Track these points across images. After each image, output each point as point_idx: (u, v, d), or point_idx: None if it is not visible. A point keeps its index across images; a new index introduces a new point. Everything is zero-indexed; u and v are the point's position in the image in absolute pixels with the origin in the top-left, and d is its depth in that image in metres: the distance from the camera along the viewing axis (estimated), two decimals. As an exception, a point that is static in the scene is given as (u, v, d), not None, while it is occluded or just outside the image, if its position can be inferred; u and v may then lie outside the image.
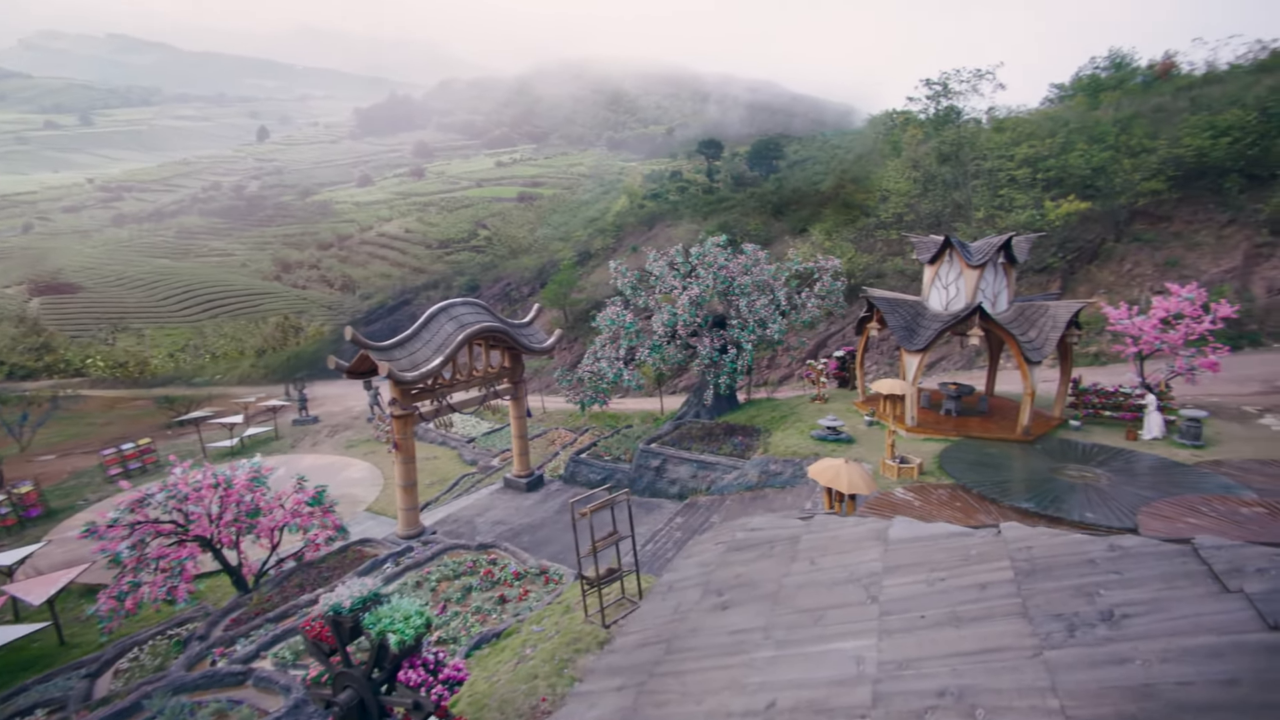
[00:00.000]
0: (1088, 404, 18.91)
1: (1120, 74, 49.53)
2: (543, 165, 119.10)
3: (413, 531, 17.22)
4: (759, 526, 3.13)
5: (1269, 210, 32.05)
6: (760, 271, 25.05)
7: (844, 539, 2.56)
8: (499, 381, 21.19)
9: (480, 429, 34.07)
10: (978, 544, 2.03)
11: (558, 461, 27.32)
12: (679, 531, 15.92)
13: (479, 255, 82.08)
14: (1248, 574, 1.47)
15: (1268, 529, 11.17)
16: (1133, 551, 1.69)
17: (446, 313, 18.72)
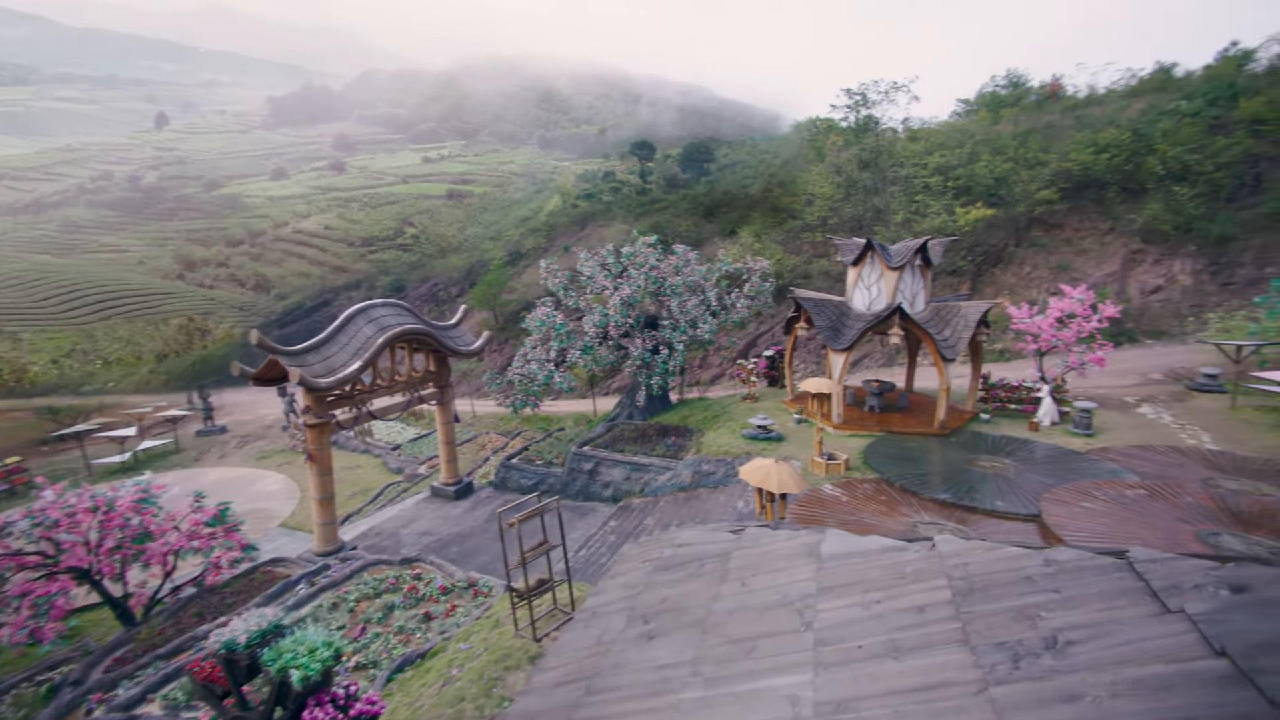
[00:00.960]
0: (996, 398, 20.15)
1: (1017, 92, 53.46)
2: (473, 162, 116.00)
3: (330, 548, 16.13)
4: (688, 542, 2.95)
5: (1141, 220, 35.37)
6: (691, 272, 25.23)
7: (776, 555, 2.42)
8: (424, 386, 20.25)
9: (406, 435, 32.60)
10: (913, 560, 1.93)
11: (488, 467, 26.49)
12: (613, 535, 15.70)
13: (405, 254, 78.89)
14: (1185, 591, 1.40)
15: (1148, 509, 12.18)
16: (1068, 566, 1.61)
17: (365, 314, 17.69)
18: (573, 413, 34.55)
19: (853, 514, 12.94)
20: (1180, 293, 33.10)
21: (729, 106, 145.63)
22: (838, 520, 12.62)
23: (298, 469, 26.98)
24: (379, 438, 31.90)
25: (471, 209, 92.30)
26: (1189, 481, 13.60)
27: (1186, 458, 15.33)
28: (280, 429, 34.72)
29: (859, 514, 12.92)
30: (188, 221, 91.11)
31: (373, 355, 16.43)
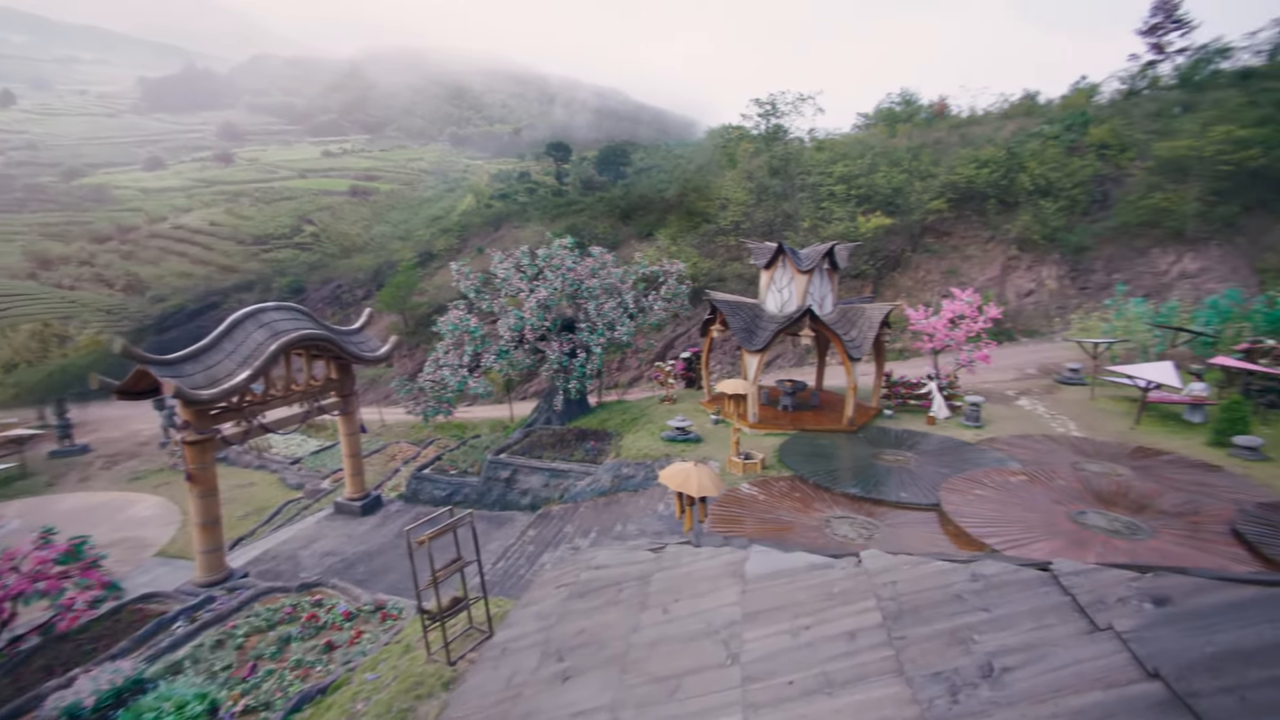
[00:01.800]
0: (897, 394, 21.41)
1: (909, 109, 57.56)
2: (378, 158, 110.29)
3: (215, 577, 14.58)
4: (605, 563, 2.76)
5: (1016, 230, 38.99)
6: (608, 274, 25.11)
7: (698, 577, 2.28)
8: (325, 395, 18.84)
9: (307, 448, 30.35)
10: (840, 579, 1.85)
11: (399, 479, 25.12)
12: (532, 545, 15.25)
13: (304, 254, 73.65)
14: (1111, 606, 1.37)
15: (1029, 493, 13.28)
16: (995, 581, 1.57)
17: (255, 319, 16.19)
18: (489, 419, 33.52)
19: (770, 512, 13.24)
20: (1048, 296, 36.72)
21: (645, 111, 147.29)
22: (756, 519, 12.87)
23: (178, 489, 24.37)
24: (276, 452, 29.50)
25: (378, 207, 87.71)
26: (1061, 466, 14.98)
27: (1058, 445, 16.89)
28: (159, 445, 31.30)
29: (776, 512, 13.23)
30: (42, 214, 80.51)
31: (265, 363, 15.05)
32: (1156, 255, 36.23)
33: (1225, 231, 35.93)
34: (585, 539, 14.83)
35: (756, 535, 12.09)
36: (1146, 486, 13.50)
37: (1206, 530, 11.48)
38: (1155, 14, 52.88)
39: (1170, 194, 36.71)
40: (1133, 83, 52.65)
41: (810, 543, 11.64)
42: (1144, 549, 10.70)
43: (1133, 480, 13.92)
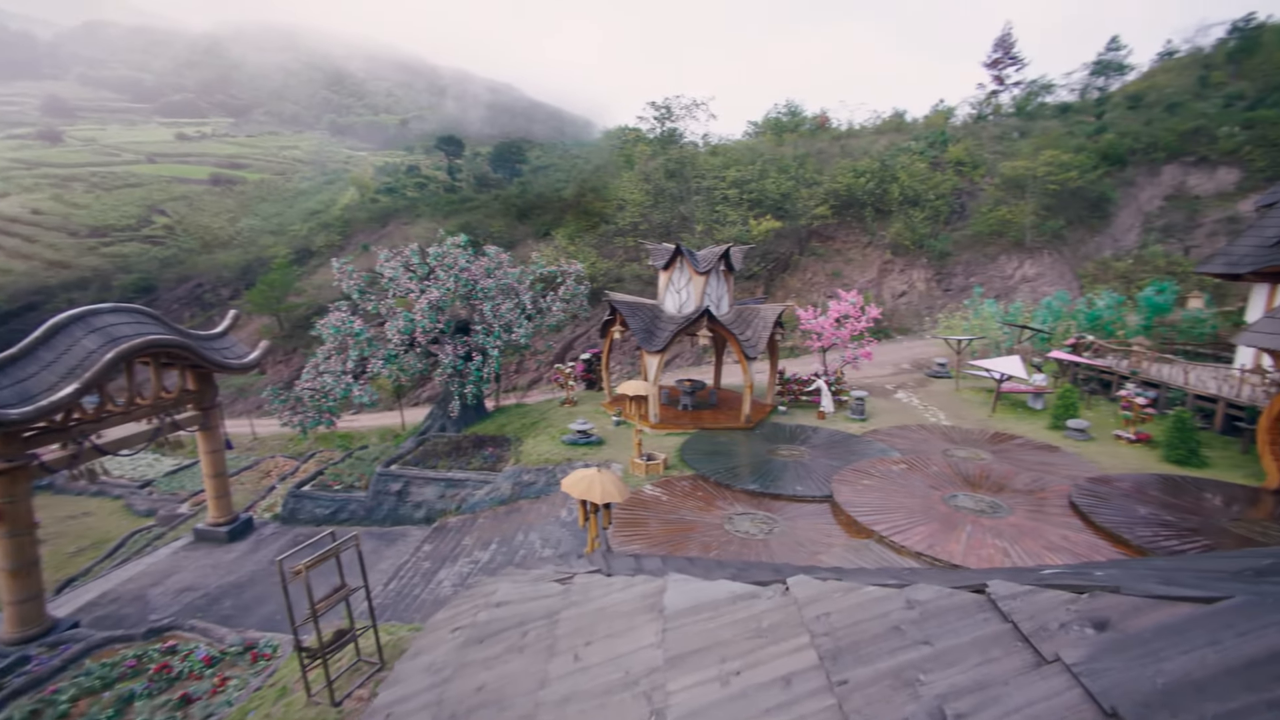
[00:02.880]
0: (790, 391, 22.41)
1: (795, 120, 60.95)
2: (245, 144, 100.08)
3: (32, 631, 12.30)
4: (507, 599, 2.45)
5: (890, 236, 42.39)
6: (504, 274, 24.28)
7: (612, 613, 2.05)
8: (180, 409, 16.60)
9: (162, 468, 26.80)
10: (767, 611, 1.69)
11: (274, 497, 22.81)
12: (427, 561, 14.32)
13: (155, 248, 65.20)
14: (1054, 633, 1.29)
15: (908, 480, 14.31)
16: (931, 608, 1.47)
17: (85, 323, 13.89)
18: (378, 427, 31.36)
19: (673, 512, 13.29)
20: (918, 297, 40.20)
21: (541, 109, 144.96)
22: (660, 521, 12.87)
23: (-12, 526, 20.55)
24: (121, 474, 25.76)
25: (246, 198, 79.59)
26: (934, 453, 16.32)
27: (931, 434, 18.41)
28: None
29: (679, 512, 13.31)
30: None
31: (97, 375, 12.94)
32: (1004, 261, 40.80)
33: (1054, 242, 41.15)
34: (485, 551, 14.16)
35: (661, 537, 12.08)
36: (1004, 468, 15.01)
37: (1051, 505, 12.91)
38: (996, 50, 59.66)
39: (1012, 208, 41.50)
40: (981, 109, 59.11)
41: (713, 541, 11.80)
42: (1005, 525, 11.83)
43: (992, 463, 15.43)
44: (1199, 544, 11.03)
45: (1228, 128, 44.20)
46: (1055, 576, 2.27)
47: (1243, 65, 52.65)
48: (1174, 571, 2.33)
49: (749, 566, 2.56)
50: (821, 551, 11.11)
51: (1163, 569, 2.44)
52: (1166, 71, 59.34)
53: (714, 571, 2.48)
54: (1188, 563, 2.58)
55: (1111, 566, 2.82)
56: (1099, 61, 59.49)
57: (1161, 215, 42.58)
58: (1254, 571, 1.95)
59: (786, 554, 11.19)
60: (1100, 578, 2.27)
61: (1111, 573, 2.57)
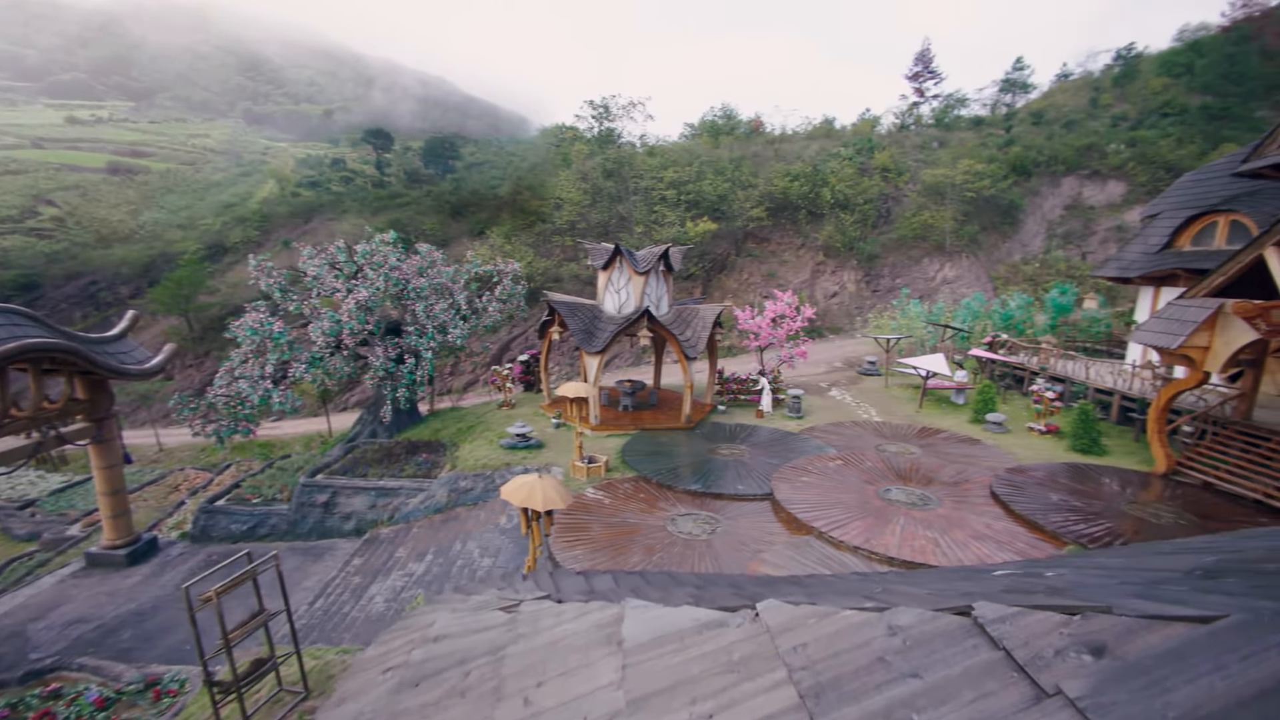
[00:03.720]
0: (729, 390, 22.70)
1: (730, 123, 62.08)
2: (148, 131, 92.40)
3: (-109, 673, 10.74)
4: (446, 632, 2.19)
5: (822, 238, 43.85)
6: (438, 274, 23.41)
7: (565, 647, 1.85)
8: (68, 420, 14.99)
9: (46, 486, 24.24)
10: (738, 641, 1.55)
11: (184, 514, 21.05)
12: (358, 576, 13.53)
13: (42, 242, 59.07)
14: (1050, 661, 1.21)
15: (844, 476, 14.73)
16: (916, 635, 1.37)
17: (-49, 325, 12.28)
18: (302, 435, 29.59)
19: (616, 515, 13.13)
20: (849, 297, 41.76)
21: (474, 104, 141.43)
22: (602, 524, 12.67)
23: None
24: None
25: (149, 189, 73.45)
26: (867, 449, 16.90)
27: (864, 430, 19.07)
28: None
29: (622, 515, 13.16)
30: None
31: (-33, 383, 11.45)
32: (926, 264, 42.99)
33: (971, 246, 43.73)
34: (420, 563, 13.53)
35: (604, 541, 11.89)
36: (931, 461, 15.71)
37: (974, 495, 13.60)
38: (917, 64, 62.89)
39: (933, 213, 43.79)
40: (903, 118, 62.13)
41: (657, 544, 11.72)
42: (935, 517, 12.35)
43: (921, 457, 16.12)
44: (1103, 527, 11.88)
45: (1115, 145, 48.33)
46: (1015, 581, 2.24)
47: (1126, 90, 57.72)
48: (1123, 571, 2.35)
49: (709, 583, 2.42)
50: (764, 550, 11.23)
51: (1111, 568, 2.46)
52: (1063, 92, 64.28)
53: (672, 591, 2.32)
54: (1131, 559, 2.63)
55: (1060, 565, 2.84)
56: (1006, 79, 63.78)
57: (1062, 223, 46.06)
58: (1204, 572, 1.98)
59: (730, 554, 11.24)
60: (1057, 581, 2.25)
61: (1061, 572, 2.58)
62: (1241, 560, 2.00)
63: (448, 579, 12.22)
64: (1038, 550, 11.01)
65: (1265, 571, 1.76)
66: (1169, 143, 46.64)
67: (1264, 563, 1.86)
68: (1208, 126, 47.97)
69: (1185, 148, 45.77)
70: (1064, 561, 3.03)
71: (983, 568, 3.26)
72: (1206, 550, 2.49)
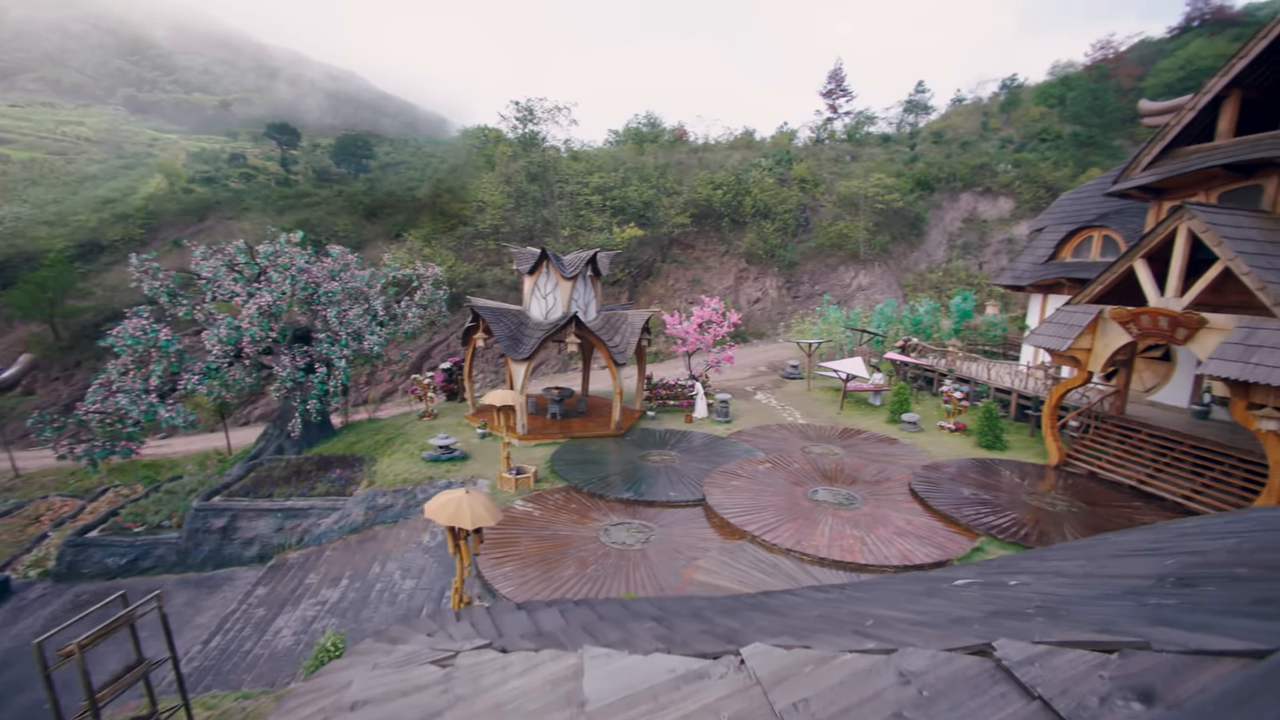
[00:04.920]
0: (658, 396, 22.69)
1: (654, 131, 62.75)
2: (6, 115, 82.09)
3: None
4: (366, 695, 1.82)
5: (744, 246, 45.02)
6: (352, 277, 22.03)
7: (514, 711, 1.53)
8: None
9: None
10: (725, 698, 1.31)
11: (46, 548, 18.55)
12: (261, 608, 12.32)
13: None
14: (1097, 713, 1.04)
15: (773, 478, 14.98)
16: (933, 682, 1.19)
17: None
18: (196, 453, 26.94)
19: (546, 528, 12.69)
20: (771, 303, 43.05)
21: (390, 102, 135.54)
22: (533, 537, 12.20)
23: None
24: None
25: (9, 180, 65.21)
26: (794, 451, 17.31)
27: (789, 432, 19.54)
28: None
29: (553, 527, 12.74)
30: None
31: None
32: (843, 271, 45.06)
33: (883, 255, 46.27)
34: (334, 589, 12.51)
35: (534, 555, 11.44)
36: (854, 461, 16.28)
37: (895, 493, 14.17)
38: (830, 81, 66.10)
39: (848, 223, 46.01)
40: (818, 133, 65.09)
41: (590, 555, 11.39)
42: (860, 515, 12.74)
43: (844, 458, 16.67)
44: (1009, 518, 12.67)
45: (1003, 165, 52.77)
46: (991, 596, 2.12)
47: (1011, 116, 63.21)
48: (1088, 579, 2.30)
49: (669, 613, 2.17)
50: (699, 557, 11.15)
51: (1073, 575, 2.42)
52: (959, 114, 69.58)
53: (631, 628, 2.06)
54: (1086, 562, 2.61)
55: (1015, 571, 2.80)
56: (910, 101, 68.28)
57: (961, 235, 49.66)
58: (1176, 579, 1.94)
59: (664, 562, 11.09)
60: (1032, 595, 2.15)
61: (1025, 581, 2.51)
62: (1206, 564, 1.99)
63: (365, 605, 11.34)
64: (954, 544, 11.57)
65: (1241, 578, 1.74)
66: (1047, 165, 51.40)
67: (1232, 566, 1.85)
68: (1078, 152, 53.28)
69: (1061, 170, 50.60)
70: (1015, 565, 3.00)
71: (942, 578, 3.19)
72: (1156, 551, 2.50)
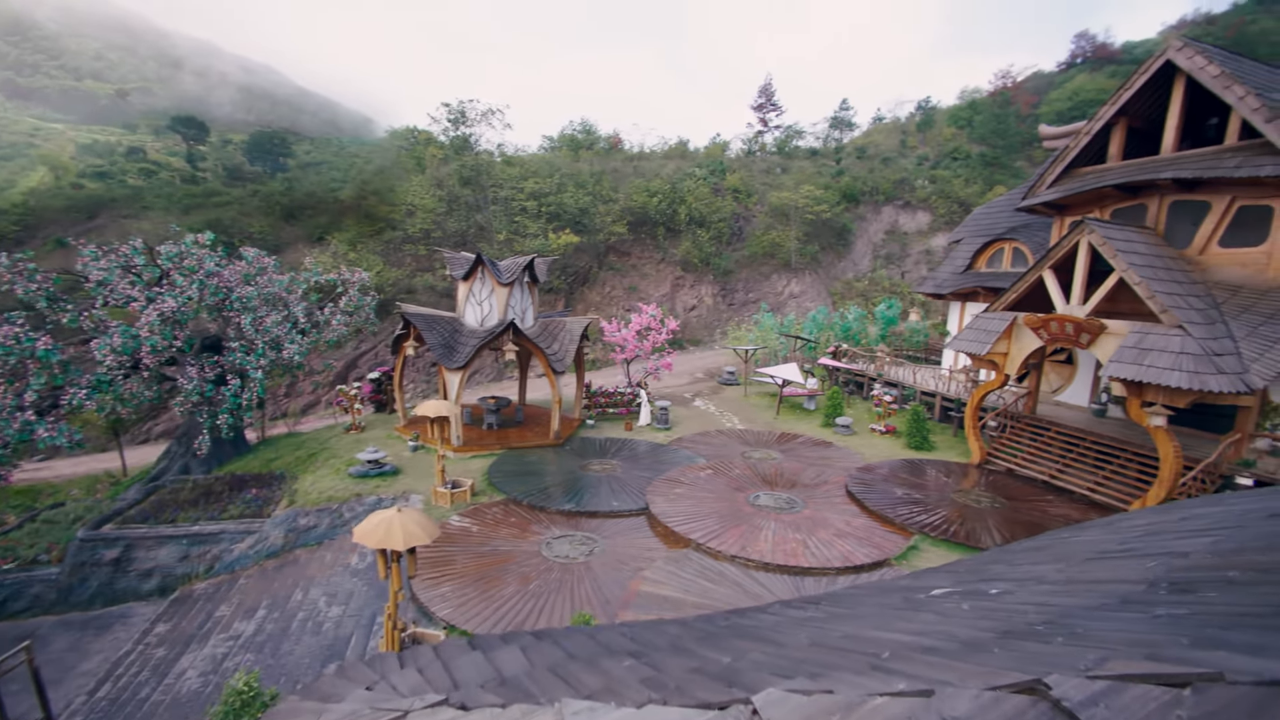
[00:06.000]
0: (598, 404, 22.39)
1: (590, 138, 62.60)
2: None
3: None
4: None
5: (680, 254, 45.48)
6: (269, 282, 20.58)
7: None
8: None
9: None
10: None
11: (-104, 589, 16.12)
12: (162, 648, 11.10)
13: None
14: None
15: (715, 484, 15.01)
16: (983, 729, 1.04)
17: None
18: (84, 475, 24.28)
19: (485, 543, 12.16)
20: (707, 310, 43.64)
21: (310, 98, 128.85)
22: (471, 554, 11.64)
23: None
24: None
25: None
26: (734, 457, 17.44)
27: (729, 438, 19.72)
28: None
29: (492, 542, 12.22)
30: None
31: None
32: (776, 279, 46.32)
33: (813, 264, 47.93)
34: (248, 620, 11.46)
35: (473, 573, 10.90)
36: (793, 465, 16.57)
37: (833, 495, 14.50)
38: (761, 96, 68.19)
39: (779, 233, 47.39)
40: (750, 145, 66.91)
41: (532, 571, 10.96)
42: (801, 519, 12.92)
43: (783, 462, 16.95)
44: (939, 516, 13.20)
45: (921, 181, 56.00)
46: (978, 607, 2.02)
47: (926, 135, 67.28)
48: (1071, 586, 2.25)
49: (647, 647, 1.94)
50: (644, 568, 10.95)
51: (1054, 581, 2.37)
52: (880, 132, 73.40)
53: (606, 667, 1.82)
54: (1062, 567, 2.57)
55: (989, 578, 2.75)
56: (835, 117, 71.37)
57: (884, 245, 52.21)
58: (1170, 584, 1.89)
59: (610, 574, 10.82)
60: (1021, 605, 2.06)
61: (1008, 589, 2.43)
62: (1192, 567, 1.97)
63: (286, 636, 10.42)
64: (890, 543, 11.91)
65: (1237, 581, 1.71)
66: (960, 181, 54.93)
67: (1223, 570, 1.83)
68: (985, 171, 57.27)
69: (971, 186, 54.20)
70: (985, 571, 2.96)
71: (914, 586, 3.11)
72: (1128, 553, 2.49)
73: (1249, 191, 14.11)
